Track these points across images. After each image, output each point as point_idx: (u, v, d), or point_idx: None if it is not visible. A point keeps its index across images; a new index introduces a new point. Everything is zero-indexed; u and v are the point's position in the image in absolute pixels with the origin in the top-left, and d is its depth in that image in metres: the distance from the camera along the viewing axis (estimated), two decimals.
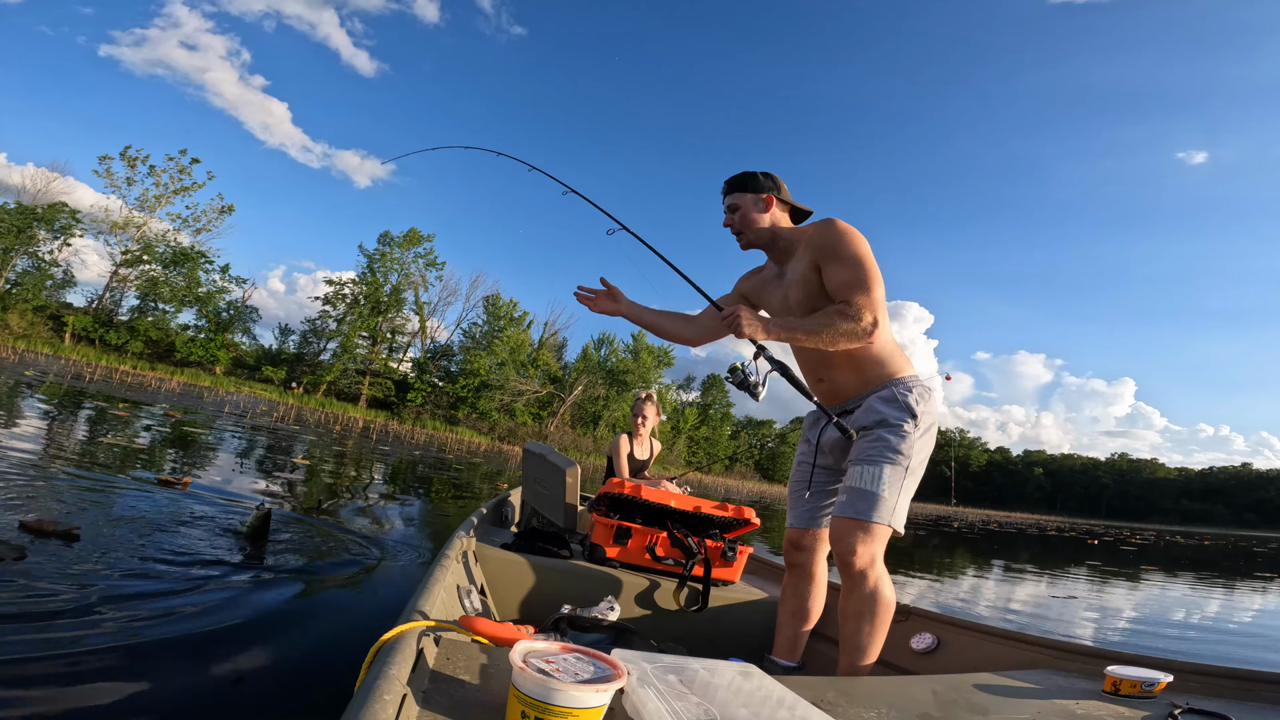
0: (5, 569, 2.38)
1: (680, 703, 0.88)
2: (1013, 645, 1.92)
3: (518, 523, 3.41)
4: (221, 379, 36.13)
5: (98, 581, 2.46)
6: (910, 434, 1.81)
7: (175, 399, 18.57)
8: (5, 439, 5.69)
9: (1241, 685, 1.49)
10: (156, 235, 39.22)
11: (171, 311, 38.88)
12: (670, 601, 2.36)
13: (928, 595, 6.26)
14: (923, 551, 11.70)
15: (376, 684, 0.80)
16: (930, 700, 1.27)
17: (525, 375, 43.36)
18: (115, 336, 36.14)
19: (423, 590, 1.36)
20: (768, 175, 2.06)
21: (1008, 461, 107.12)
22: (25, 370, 17.32)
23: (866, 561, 1.75)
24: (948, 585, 7.32)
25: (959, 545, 14.71)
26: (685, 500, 2.57)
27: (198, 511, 4.12)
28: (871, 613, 1.76)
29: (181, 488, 4.81)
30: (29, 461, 4.86)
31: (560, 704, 0.76)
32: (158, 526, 3.54)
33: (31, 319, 33.91)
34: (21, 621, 1.99)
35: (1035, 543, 19.11)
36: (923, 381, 1.91)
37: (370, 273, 43.44)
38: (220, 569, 2.94)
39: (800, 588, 2.08)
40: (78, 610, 2.14)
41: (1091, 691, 1.44)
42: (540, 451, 2.82)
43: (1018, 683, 1.49)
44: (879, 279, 1.81)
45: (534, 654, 0.85)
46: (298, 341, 43.72)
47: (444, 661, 1.00)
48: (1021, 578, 9.15)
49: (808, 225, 2.01)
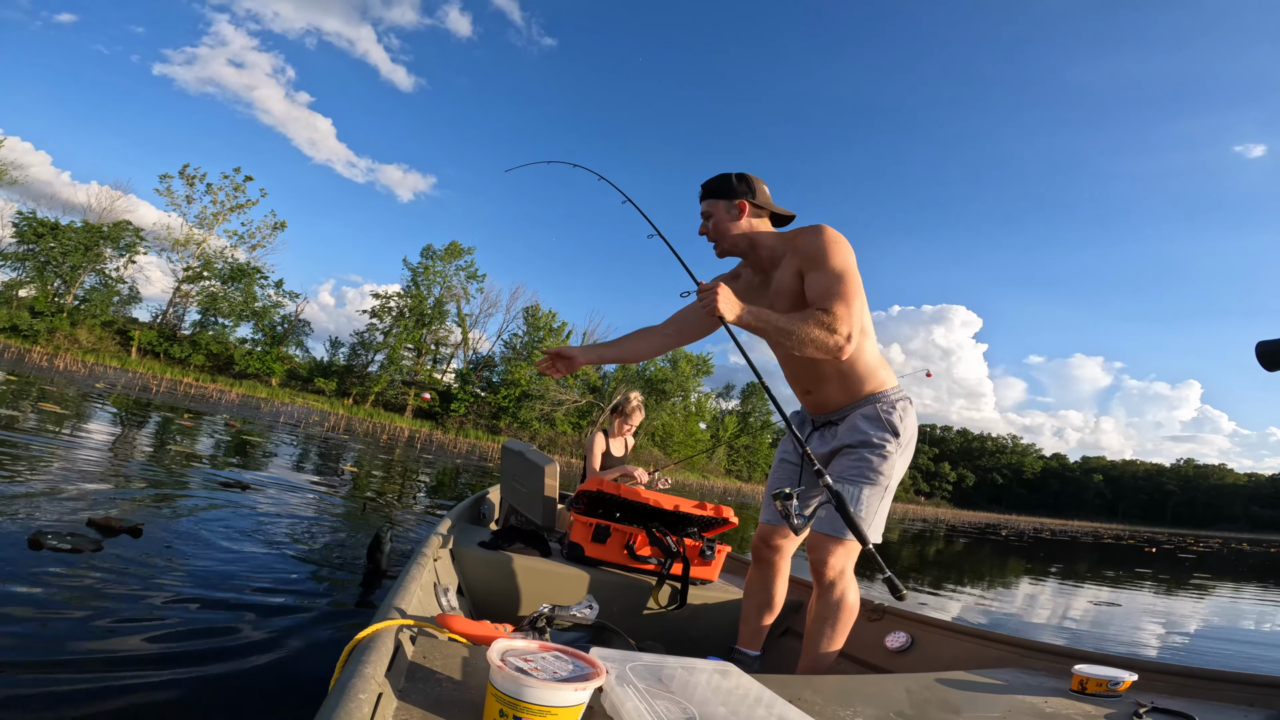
0: (85, 558, 2.71)
1: (659, 701, 0.88)
2: (984, 644, 1.96)
3: (496, 521, 3.43)
4: (277, 390, 37.42)
5: (148, 573, 2.69)
6: (892, 454, 1.87)
7: (235, 410, 19.41)
8: (78, 445, 6.11)
9: (1205, 685, 1.52)
10: (215, 252, 40.81)
11: (230, 326, 40.33)
12: (649, 600, 2.37)
13: (955, 600, 6.15)
14: (964, 559, 11.47)
15: (352, 682, 0.79)
16: (904, 698, 1.29)
17: (565, 385, 43.52)
18: (179, 350, 37.69)
19: (399, 588, 1.36)
20: (743, 178, 1.99)
21: (1064, 468, 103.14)
22: (95, 383, 18.19)
23: (837, 573, 1.85)
24: (977, 592, 7.15)
25: (1002, 553, 14.38)
26: (664, 499, 2.57)
27: (252, 513, 4.43)
28: (835, 616, 1.87)
29: (240, 490, 5.22)
30: (100, 466, 5.22)
31: (538, 702, 0.76)
32: (216, 525, 3.82)
33: (100, 334, 35.61)
34: (76, 607, 2.20)
35: (1088, 551, 18.53)
36: (905, 394, 1.95)
37: (414, 286, 44.41)
38: (256, 564, 3.16)
39: (767, 582, 2.13)
40: (110, 601, 2.32)
41: (1059, 690, 1.49)
42: (519, 449, 2.84)
43: (988, 680, 1.53)
44: (860, 293, 1.80)
45: (512, 652, 0.85)
46: (347, 354, 44.89)
47: (421, 659, 1.00)
48: (1059, 585, 8.90)
49: (793, 230, 1.97)
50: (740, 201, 1.97)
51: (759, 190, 2.00)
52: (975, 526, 29.92)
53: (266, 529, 4.02)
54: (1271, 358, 1.20)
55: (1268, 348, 1.21)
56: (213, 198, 40.94)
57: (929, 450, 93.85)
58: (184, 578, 2.72)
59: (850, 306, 1.74)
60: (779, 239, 1.97)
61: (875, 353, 1.94)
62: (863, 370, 1.91)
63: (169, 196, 40.07)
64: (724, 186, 1.98)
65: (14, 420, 6.98)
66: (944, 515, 51.17)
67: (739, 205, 1.97)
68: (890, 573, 1.54)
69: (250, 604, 2.54)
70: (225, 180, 41.16)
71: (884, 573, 1.52)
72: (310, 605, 2.66)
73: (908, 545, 13.68)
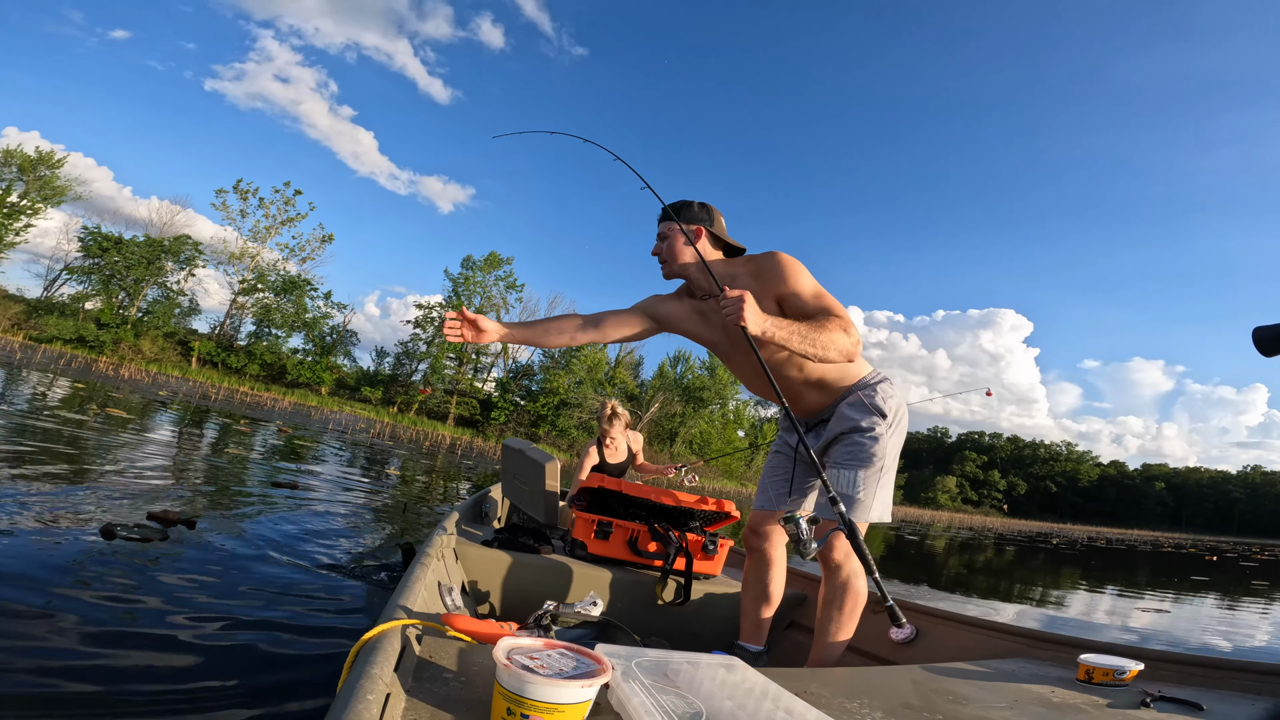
0: (152, 547, 3.03)
1: (665, 696, 0.88)
2: (989, 635, 1.95)
3: (499, 519, 3.44)
4: (326, 399, 38.40)
5: (190, 565, 2.90)
6: (882, 434, 1.90)
7: (287, 417, 20.25)
8: (143, 447, 6.59)
9: (1212, 673, 1.50)
10: (268, 265, 42.36)
11: (283, 336, 41.80)
12: (653, 595, 2.37)
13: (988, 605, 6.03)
14: (1009, 568, 11.19)
15: (359, 683, 0.79)
16: (910, 689, 1.29)
17: (603, 393, 43.74)
18: (235, 360, 39.08)
19: (404, 588, 1.37)
20: (704, 206, 2.06)
21: (1123, 476, 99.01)
22: (159, 391, 19.14)
23: (842, 556, 1.89)
24: (1021, 601, 7.00)
25: (1051, 561, 14.00)
26: (665, 494, 2.58)
27: (297, 511, 4.73)
28: (843, 600, 1.89)
29: (291, 487, 5.70)
30: (163, 465, 5.67)
31: (545, 699, 0.76)
32: (262, 521, 4.10)
33: (162, 344, 37.17)
34: (129, 590, 2.42)
35: (1145, 559, 17.93)
36: (883, 376, 2.00)
37: (455, 296, 45.14)
38: (291, 559, 3.34)
39: (761, 573, 2.15)
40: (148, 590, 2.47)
41: (1065, 679, 1.49)
42: (519, 447, 2.86)
43: (994, 671, 1.53)
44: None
45: (518, 650, 0.86)
46: (392, 363, 45.95)
47: (427, 659, 1.01)
48: (1101, 592, 8.72)
49: (744, 258, 2.03)
50: (697, 228, 2.04)
51: (717, 220, 2.08)
52: (1024, 535, 29.01)
53: (308, 526, 4.24)
54: (1269, 343, 1.17)
55: (1265, 333, 1.18)
56: (265, 212, 42.44)
57: (977, 458, 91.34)
58: (221, 570, 2.87)
59: (845, 313, 1.83)
60: (728, 266, 2.03)
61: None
62: (835, 373, 1.97)
63: (224, 211, 41.65)
64: (685, 211, 2.05)
65: (84, 424, 7.48)
66: (992, 524, 49.71)
67: (695, 230, 2.03)
68: (891, 600, 1.56)
69: (278, 599, 2.65)
70: (276, 194, 42.65)
71: (885, 601, 1.54)
72: (333, 604, 2.75)
73: (954, 555, 13.38)
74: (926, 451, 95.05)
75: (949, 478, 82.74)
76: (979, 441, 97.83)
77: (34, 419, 7.16)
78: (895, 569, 9.18)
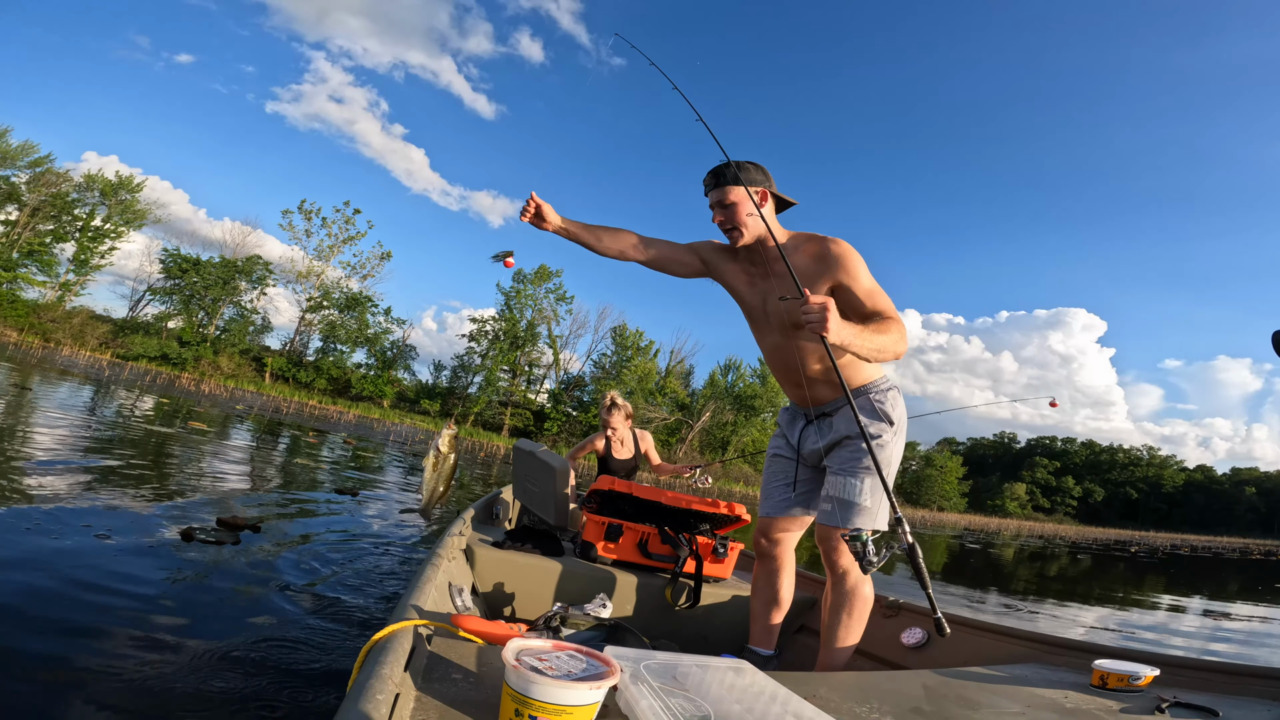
0: (225, 549, 3.30)
1: (673, 699, 0.89)
2: (1002, 640, 1.93)
3: (510, 520, 3.46)
4: (388, 411, 39.65)
5: (246, 566, 3.12)
6: (888, 442, 1.93)
7: (351, 429, 21.20)
8: (221, 457, 7.13)
9: (1228, 679, 1.47)
10: (332, 282, 44.33)
11: (347, 351, 43.79)
12: (662, 598, 2.36)
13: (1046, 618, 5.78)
14: (1081, 578, 10.76)
15: (369, 683, 0.80)
16: (921, 694, 1.29)
17: (653, 403, 43.79)
18: (304, 375, 41.03)
19: (414, 589, 1.38)
20: (759, 167, 1.99)
21: (1211, 481, 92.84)
22: (235, 405, 20.31)
23: (849, 562, 1.90)
24: (1096, 612, 6.68)
25: (1129, 570, 13.44)
26: (676, 497, 2.56)
27: (354, 517, 5.00)
28: (850, 606, 1.90)
29: (352, 495, 6.07)
30: (237, 474, 6.14)
31: (554, 701, 0.77)
32: (320, 526, 4.38)
33: (239, 361, 39.28)
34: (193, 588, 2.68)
35: (1233, 567, 16.91)
36: (893, 383, 2.01)
37: (507, 309, 46.11)
38: (341, 560, 3.55)
39: (772, 577, 2.16)
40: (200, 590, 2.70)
41: (1079, 685, 1.47)
42: (530, 449, 2.87)
43: (1007, 676, 1.52)
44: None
45: (527, 651, 0.86)
46: (449, 376, 47.17)
47: (437, 660, 1.02)
48: (1180, 602, 8.33)
49: (805, 234, 1.99)
50: (762, 190, 1.97)
51: (772, 179, 2.02)
52: (1100, 543, 27.63)
53: (363, 530, 4.49)
54: None
55: None
56: (327, 231, 44.51)
57: (1049, 464, 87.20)
58: (267, 574, 3.06)
59: (895, 309, 1.85)
60: (789, 237, 2.00)
61: None
62: (853, 370, 1.97)
63: (290, 231, 43.99)
64: (745, 174, 1.96)
65: (169, 437, 8.09)
66: (1065, 532, 47.54)
67: (761, 193, 1.97)
68: (939, 613, 1.52)
69: (309, 601, 2.77)
70: (337, 214, 44.70)
71: (934, 613, 1.50)
72: (354, 605, 2.85)
73: (1023, 564, 12.90)
74: (993, 458, 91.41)
75: (1018, 484, 79.31)
76: (1050, 447, 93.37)
77: (124, 432, 7.74)
78: (958, 577, 8.86)
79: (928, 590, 1.52)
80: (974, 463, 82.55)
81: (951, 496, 63.14)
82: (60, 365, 20.87)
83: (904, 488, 61.15)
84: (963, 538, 20.63)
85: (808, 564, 2.24)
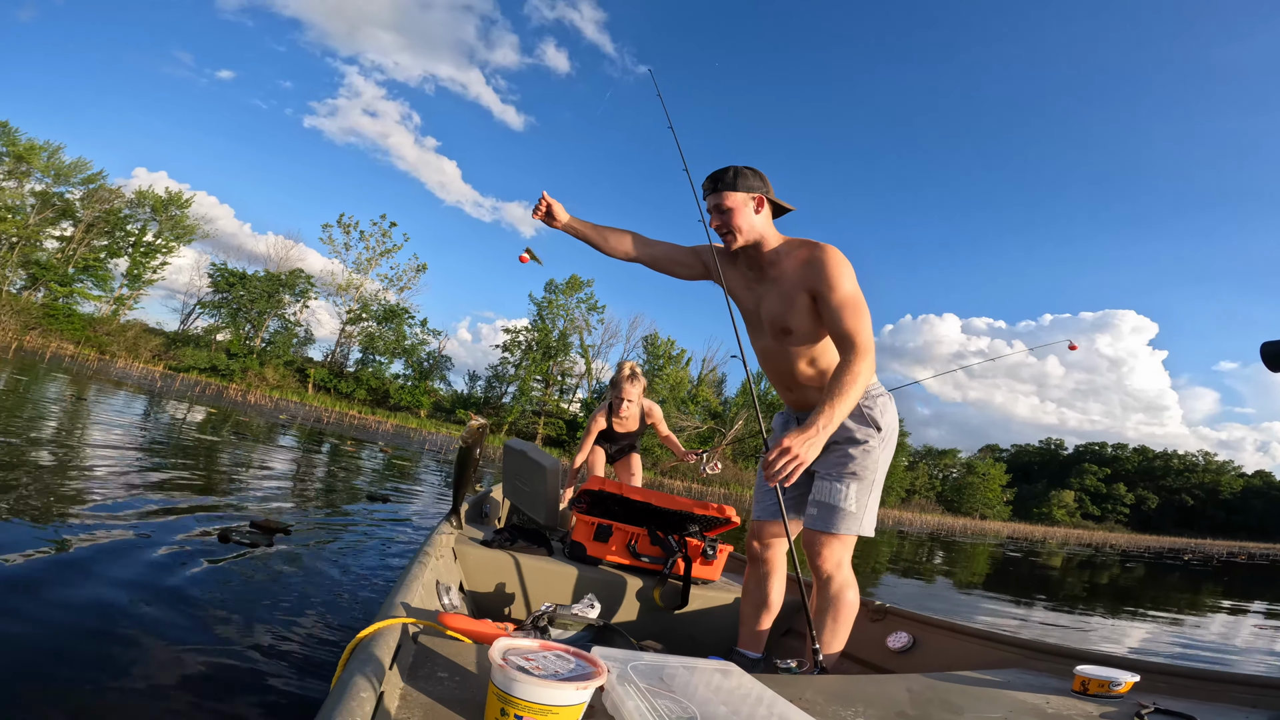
0: (258, 550, 3.43)
1: (660, 700, 0.89)
2: (986, 645, 1.93)
3: (499, 519, 3.46)
4: (425, 421, 40.40)
5: (271, 567, 3.22)
6: (874, 448, 1.95)
7: (389, 438, 21.72)
8: (265, 465, 7.49)
9: (1208, 686, 1.48)
10: (370, 295, 45.50)
11: (385, 362, 44.71)
12: (651, 600, 2.35)
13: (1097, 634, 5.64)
14: (1138, 586, 10.46)
15: (353, 680, 0.79)
16: (905, 698, 1.30)
17: (686, 411, 43.29)
18: (345, 386, 42.14)
19: (401, 587, 1.38)
20: (757, 173, 2.01)
21: (1270, 486, 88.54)
22: (280, 415, 21.06)
23: (833, 567, 1.92)
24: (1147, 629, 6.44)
25: (1181, 579, 13.07)
26: (666, 499, 2.56)
27: (383, 521, 5.17)
28: (835, 610, 1.92)
29: (384, 501, 6.29)
30: (278, 480, 6.45)
31: (540, 701, 0.77)
32: (349, 530, 4.52)
33: (283, 372, 40.43)
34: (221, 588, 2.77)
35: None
36: (883, 390, 2.04)
37: (540, 319, 46.49)
38: (362, 566, 3.63)
39: (763, 581, 2.15)
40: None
41: (1061, 690, 1.48)
42: (521, 448, 2.88)
43: (990, 680, 1.53)
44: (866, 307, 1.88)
45: (514, 651, 0.86)
46: (484, 386, 47.84)
47: (422, 659, 1.02)
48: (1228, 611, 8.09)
49: (798, 240, 1.99)
50: (758, 195, 1.98)
51: (769, 186, 2.02)
52: (1153, 551, 26.72)
53: (388, 534, 4.60)
54: (1276, 358, 1.17)
55: (1273, 348, 1.17)
56: (365, 244, 45.64)
57: (1099, 471, 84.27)
58: (290, 574, 3.16)
59: (868, 329, 1.82)
60: (782, 241, 2.01)
61: None
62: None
63: (330, 244, 45.22)
64: (741, 179, 1.98)
65: (217, 444, 8.57)
66: (1115, 540, 45.97)
67: (758, 199, 1.97)
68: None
69: (316, 602, 2.82)
70: (374, 227, 45.74)
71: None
72: (348, 602, 2.90)
73: (1071, 573, 12.56)
74: (1038, 465, 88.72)
75: (1065, 492, 76.77)
76: (1100, 453, 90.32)
77: (176, 439, 8.28)
78: (1002, 588, 8.63)
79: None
80: (1019, 470, 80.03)
81: (995, 504, 61.24)
82: (115, 377, 21.67)
83: (945, 495, 59.75)
84: (1005, 546, 20.08)
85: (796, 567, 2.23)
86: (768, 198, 1.99)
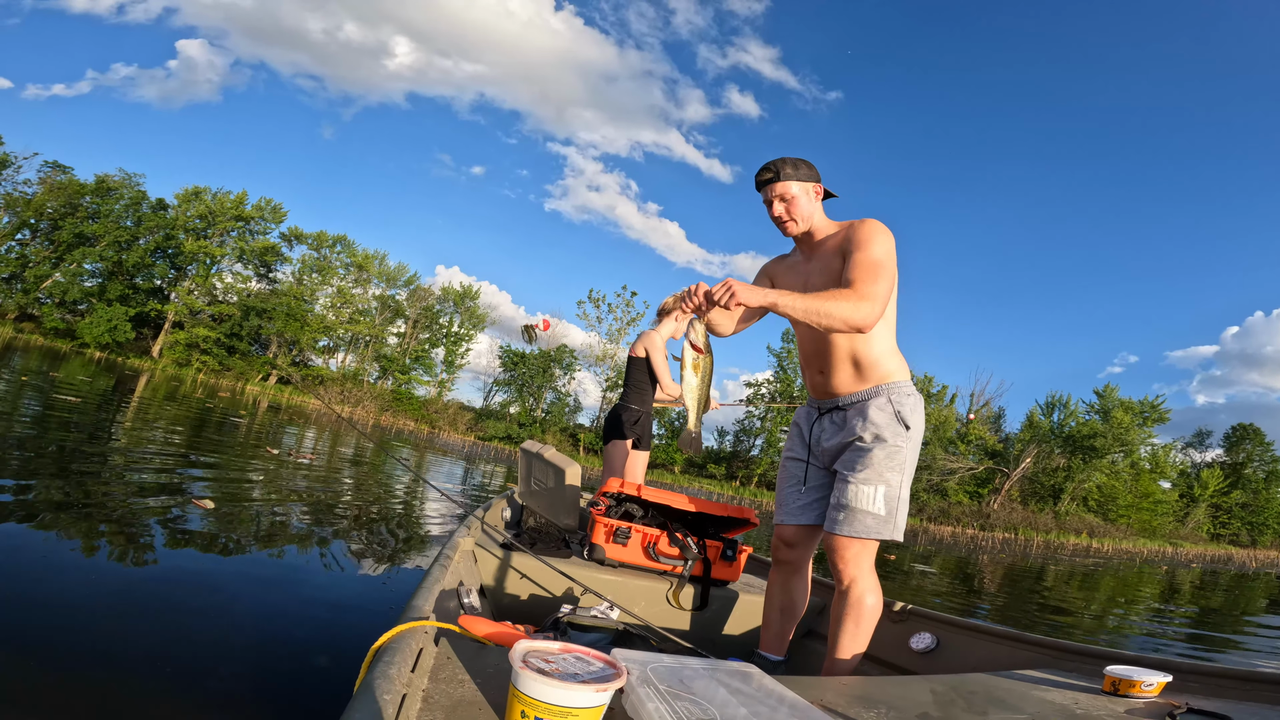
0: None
1: (680, 703, 0.89)
2: (1012, 645, 1.90)
3: (518, 522, 3.48)
4: (679, 477, 42.57)
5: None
6: (904, 448, 1.90)
7: None
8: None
9: (1242, 686, 1.44)
10: (623, 363, 46.35)
11: None
12: (670, 602, 2.35)
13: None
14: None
15: (376, 684, 0.80)
16: (930, 700, 1.27)
17: (954, 451, 39.55)
18: None
19: (422, 590, 1.39)
20: (808, 163, 2.07)
21: None
22: None
23: (855, 570, 1.88)
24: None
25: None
26: (685, 500, 2.56)
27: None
28: (858, 615, 1.87)
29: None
30: None
31: (560, 703, 0.77)
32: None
33: (559, 438, 44.14)
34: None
35: None
36: (914, 389, 2.00)
37: (781, 370, 46.01)
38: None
39: (788, 584, 2.13)
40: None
41: (1091, 691, 1.45)
42: (538, 451, 2.88)
43: (1017, 682, 1.50)
44: (893, 278, 1.84)
45: (534, 653, 0.86)
46: (731, 440, 48.25)
47: (444, 661, 1.02)
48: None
49: (842, 224, 2.04)
50: (816, 185, 2.04)
51: (819, 176, 2.09)
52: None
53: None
54: None
55: None
56: (614, 315, 48.98)
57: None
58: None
59: (879, 284, 1.78)
60: (832, 227, 2.05)
61: (891, 343, 2.00)
62: (876, 355, 1.96)
63: (586, 319, 49.62)
64: (799, 170, 2.03)
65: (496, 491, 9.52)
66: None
67: (815, 189, 2.04)
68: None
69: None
70: (618, 298, 49.18)
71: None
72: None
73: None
74: None
75: None
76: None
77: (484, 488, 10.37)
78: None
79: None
80: None
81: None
82: (440, 446, 25.69)
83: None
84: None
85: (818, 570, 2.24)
86: (823, 187, 2.06)
